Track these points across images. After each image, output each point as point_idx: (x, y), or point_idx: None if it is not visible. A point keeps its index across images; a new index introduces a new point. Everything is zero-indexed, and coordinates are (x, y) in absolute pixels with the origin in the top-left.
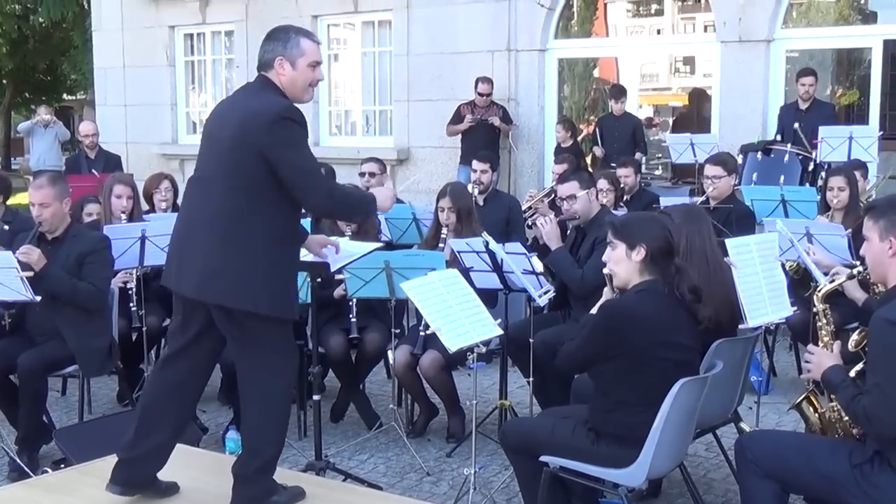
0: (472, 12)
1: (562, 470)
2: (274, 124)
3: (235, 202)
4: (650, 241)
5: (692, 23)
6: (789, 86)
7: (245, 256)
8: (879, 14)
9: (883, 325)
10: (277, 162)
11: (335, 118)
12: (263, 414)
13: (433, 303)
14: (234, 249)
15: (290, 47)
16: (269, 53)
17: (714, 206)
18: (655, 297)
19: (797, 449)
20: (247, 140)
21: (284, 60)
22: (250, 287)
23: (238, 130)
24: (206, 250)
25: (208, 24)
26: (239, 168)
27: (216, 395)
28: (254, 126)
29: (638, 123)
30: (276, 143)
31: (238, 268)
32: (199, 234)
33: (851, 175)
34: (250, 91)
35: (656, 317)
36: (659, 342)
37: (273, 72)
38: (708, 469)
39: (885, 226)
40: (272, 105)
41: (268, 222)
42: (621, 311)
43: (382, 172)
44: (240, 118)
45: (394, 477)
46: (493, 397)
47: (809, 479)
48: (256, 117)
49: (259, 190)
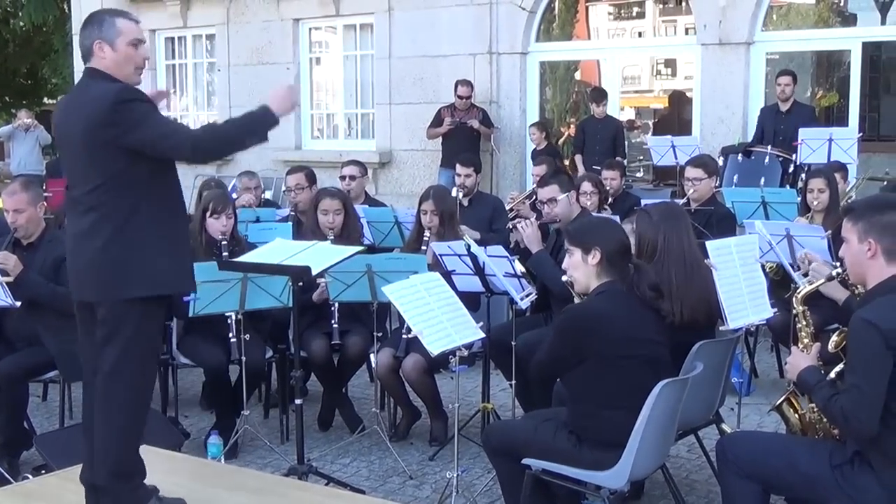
0: (453, 15)
1: (544, 473)
2: (114, 113)
3: (103, 199)
4: (604, 244)
5: (673, 25)
6: (769, 88)
7: (123, 249)
8: (858, 16)
9: (861, 326)
10: (136, 144)
11: (317, 121)
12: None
13: (415, 306)
14: (111, 244)
15: (106, 28)
16: (87, 39)
17: (695, 209)
18: (616, 296)
19: (778, 450)
20: (96, 136)
21: (103, 43)
22: (128, 275)
23: (84, 130)
24: (92, 254)
25: (189, 27)
26: (99, 165)
27: (198, 401)
28: (96, 121)
29: (619, 126)
30: (125, 129)
31: (117, 258)
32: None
33: (831, 177)
34: (82, 88)
35: (619, 316)
36: (625, 340)
37: (95, 58)
38: (690, 470)
39: (864, 227)
40: (105, 93)
41: (140, 209)
42: (584, 314)
43: (363, 175)
44: (81, 117)
45: (376, 480)
46: (475, 400)
47: (790, 480)
48: (96, 112)
49: (124, 179)
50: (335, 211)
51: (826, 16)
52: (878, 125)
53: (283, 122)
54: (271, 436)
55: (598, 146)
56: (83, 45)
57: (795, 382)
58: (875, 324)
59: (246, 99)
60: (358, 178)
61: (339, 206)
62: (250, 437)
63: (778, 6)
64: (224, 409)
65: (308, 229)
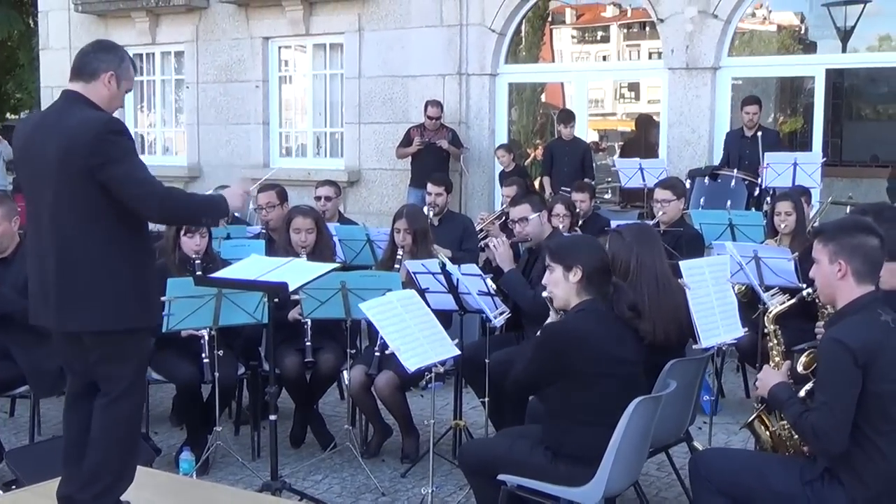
0: (423, 36)
1: (519, 489)
2: (100, 142)
3: (74, 224)
4: (586, 263)
5: (637, 50)
6: (735, 112)
7: (92, 278)
8: (819, 44)
9: (832, 345)
10: (107, 179)
11: (285, 140)
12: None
13: (392, 323)
14: (85, 275)
15: (124, 67)
16: (101, 63)
17: (664, 230)
18: (595, 315)
19: (750, 466)
20: (75, 161)
21: (115, 77)
22: (98, 306)
23: (63, 152)
24: (60, 282)
25: (158, 44)
26: (70, 189)
27: (167, 417)
28: (80, 145)
29: (587, 148)
30: (103, 160)
31: (84, 290)
32: (48, 265)
33: (798, 200)
34: (62, 109)
35: (597, 334)
36: (602, 359)
37: (96, 81)
38: (660, 488)
39: (835, 249)
40: (94, 120)
41: (112, 237)
42: (563, 332)
43: (338, 195)
44: (62, 138)
45: (349, 497)
46: (446, 418)
47: (762, 496)
48: (81, 137)
49: (95, 205)
50: (307, 229)
51: (788, 43)
52: (840, 151)
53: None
54: (243, 452)
55: (566, 168)
56: (90, 64)
57: (767, 398)
58: (845, 343)
59: (214, 116)
60: (333, 199)
61: (311, 225)
62: (222, 453)
63: (741, 33)
64: (196, 425)
65: (280, 247)
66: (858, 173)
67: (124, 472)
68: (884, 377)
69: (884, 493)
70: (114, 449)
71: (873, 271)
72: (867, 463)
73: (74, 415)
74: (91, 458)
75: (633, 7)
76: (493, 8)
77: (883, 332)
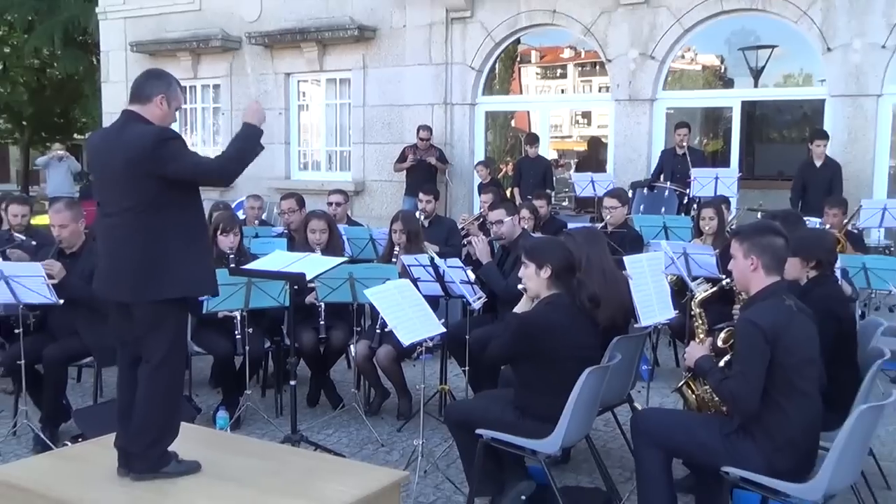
0: (416, 73)
1: (493, 441)
2: (156, 149)
3: (141, 217)
4: (554, 262)
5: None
6: (668, 135)
7: (159, 256)
8: (736, 80)
9: (746, 325)
10: (174, 174)
11: (303, 157)
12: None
13: (390, 306)
14: (145, 254)
15: (173, 91)
16: (153, 89)
17: (611, 231)
18: (561, 307)
19: (679, 423)
20: (138, 167)
21: (166, 99)
22: (163, 280)
23: (126, 161)
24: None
25: (199, 78)
26: (137, 190)
27: (207, 381)
28: (141, 154)
29: (548, 164)
30: (165, 161)
31: (151, 266)
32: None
33: (719, 207)
34: (121, 127)
35: (563, 324)
36: (566, 344)
37: (151, 104)
38: (606, 440)
39: (748, 247)
40: (147, 132)
41: (171, 226)
42: (535, 321)
43: (346, 201)
44: (125, 150)
45: (355, 447)
46: (434, 383)
47: (689, 448)
48: (140, 147)
49: (158, 201)
50: (321, 230)
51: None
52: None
53: (274, 157)
54: (268, 411)
55: (531, 180)
56: (143, 90)
57: (693, 368)
58: (757, 323)
59: None
60: (342, 204)
61: (325, 226)
62: (251, 412)
63: (673, 71)
64: (230, 389)
65: (299, 244)
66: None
67: (168, 429)
68: (787, 351)
69: (786, 446)
70: (157, 409)
71: (780, 265)
72: (774, 422)
73: (125, 381)
74: (138, 416)
75: (586, 50)
76: (472, 50)
77: (787, 314)
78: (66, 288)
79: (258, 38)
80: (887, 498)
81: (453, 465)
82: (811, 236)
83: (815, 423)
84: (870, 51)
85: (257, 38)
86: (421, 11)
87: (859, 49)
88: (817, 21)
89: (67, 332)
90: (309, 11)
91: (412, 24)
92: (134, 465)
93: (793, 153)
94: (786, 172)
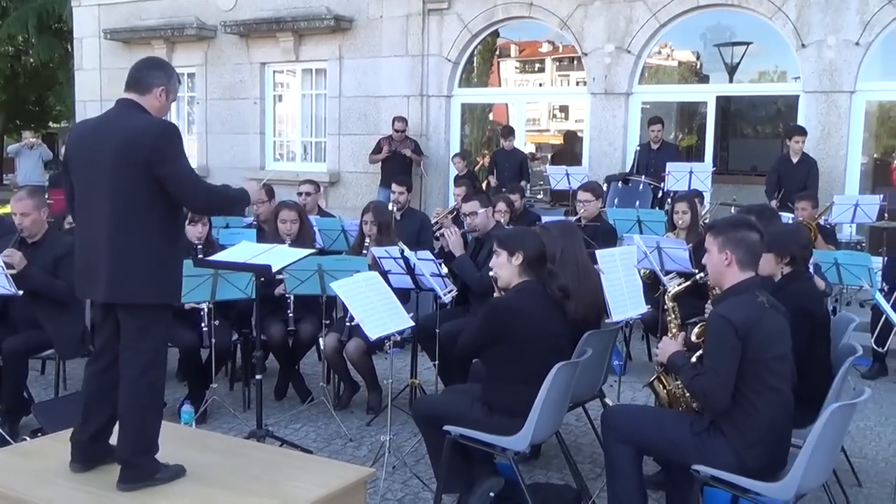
0: (392, 64)
1: (462, 437)
2: (159, 141)
3: (126, 211)
4: (526, 249)
5: (567, 78)
6: (643, 130)
7: (138, 257)
8: (711, 76)
9: (718, 320)
10: (163, 175)
11: (278, 147)
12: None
13: (358, 299)
14: (129, 253)
15: (173, 82)
16: (154, 79)
17: (585, 224)
18: (532, 294)
19: (650, 420)
20: (132, 155)
21: (166, 90)
22: (142, 281)
23: (119, 150)
24: (106, 259)
25: (174, 66)
26: (125, 181)
27: (174, 374)
28: (139, 144)
29: (524, 157)
30: (162, 157)
31: (131, 267)
32: (100, 246)
33: (693, 201)
34: (118, 114)
35: (532, 309)
36: (535, 330)
37: (150, 94)
38: (577, 436)
39: (723, 241)
40: (152, 123)
41: (155, 223)
42: (505, 306)
43: (317, 192)
44: (120, 138)
45: (322, 442)
46: (405, 377)
47: (659, 444)
48: (140, 136)
49: (144, 196)
50: (292, 220)
51: (686, 75)
52: (727, 161)
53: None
54: (235, 405)
55: (507, 172)
56: (145, 79)
57: (665, 363)
58: (729, 318)
59: (219, 127)
60: (313, 195)
61: (295, 217)
62: (217, 406)
63: (649, 66)
64: (195, 383)
65: (269, 235)
66: (741, 180)
67: (158, 434)
68: (759, 347)
69: (757, 443)
70: (148, 415)
71: (754, 260)
72: (744, 418)
73: (94, 370)
74: (127, 425)
75: (563, 44)
76: (449, 42)
77: (759, 310)
78: (27, 278)
79: (234, 27)
80: (858, 495)
81: (422, 460)
82: (786, 232)
83: (787, 419)
84: (843, 48)
85: (233, 27)
86: (398, 2)
87: (833, 46)
88: (792, 17)
89: (29, 323)
90: (285, 1)
91: (389, 15)
92: (125, 474)
93: (767, 148)
94: (759, 167)
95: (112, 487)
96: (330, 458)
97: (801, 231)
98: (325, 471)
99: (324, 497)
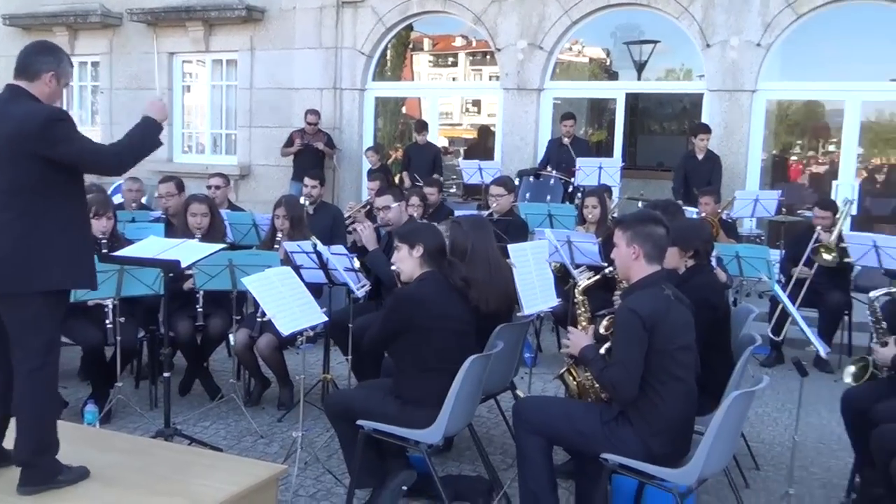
0: (305, 56)
1: (374, 432)
2: (46, 129)
3: (11, 199)
4: (426, 242)
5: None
6: (554, 125)
7: (18, 245)
8: (620, 73)
9: (626, 313)
10: (63, 157)
11: (187, 139)
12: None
13: (269, 294)
14: (22, 241)
15: (64, 66)
16: (42, 65)
17: (497, 218)
18: (433, 283)
19: (560, 411)
20: (23, 146)
21: (56, 76)
22: (16, 269)
23: (9, 139)
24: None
25: (77, 54)
26: (20, 171)
27: (76, 373)
28: (27, 133)
29: (437, 151)
30: (53, 142)
31: (7, 256)
32: None
33: (602, 196)
34: (9, 101)
35: (434, 297)
36: (439, 315)
37: (39, 81)
38: (489, 427)
39: (631, 236)
40: (37, 111)
41: (53, 212)
42: (407, 295)
43: (227, 185)
44: (10, 126)
45: (233, 440)
46: (317, 372)
47: (569, 435)
48: (27, 126)
49: (39, 185)
50: (202, 214)
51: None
52: (635, 157)
53: None
54: (141, 403)
55: (420, 166)
56: (32, 65)
57: (576, 356)
58: (636, 311)
59: (125, 118)
60: (222, 188)
61: (206, 210)
62: (122, 405)
63: (561, 62)
64: (99, 382)
65: (178, 229)
66: (648, 175)
67: (55, 432)
68: (665, 339)
69: (662, 431)
70: (45, 412)
71: (660, 254)
72: (651, 408)
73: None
74: (25, 423)
75: (477, 39)
76: (363, 35)
77: (665, 303)
78: None
79: (140, 15)
80: (756, 478)
81: (334, 455)
82: (690, 226)
83: (690, 407)
84: (746, 48)
85: (139, 15)
86: None
87: (736, 46)
88: (698, 18)
89: None
90: None
91: (302, 7)
92: (25, 477)
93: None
94: (666, 163)
95: (12, 492)
96: (240, 455)
97: (704, 226)
98: (235, 468)
99: (234, 495)
